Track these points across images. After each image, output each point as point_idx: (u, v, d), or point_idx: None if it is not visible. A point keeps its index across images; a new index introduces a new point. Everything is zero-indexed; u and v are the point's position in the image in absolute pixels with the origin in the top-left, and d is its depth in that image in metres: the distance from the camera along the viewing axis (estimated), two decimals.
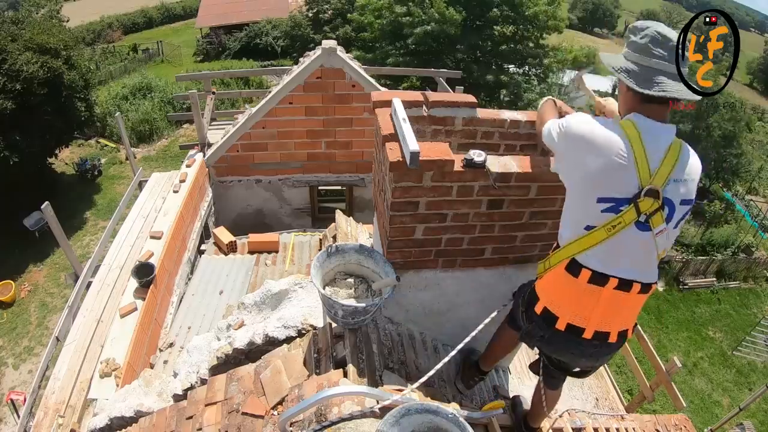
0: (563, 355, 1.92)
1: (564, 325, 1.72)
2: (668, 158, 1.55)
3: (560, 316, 1.73)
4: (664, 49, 1.52)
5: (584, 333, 1.71)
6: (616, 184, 1.55)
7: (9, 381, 8.87)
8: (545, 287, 1.79)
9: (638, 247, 1.60)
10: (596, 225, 1.59)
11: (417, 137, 2.39)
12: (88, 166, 14.42)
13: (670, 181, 1.55)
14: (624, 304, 1.68)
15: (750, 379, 11.53)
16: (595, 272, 1.62)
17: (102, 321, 4.10)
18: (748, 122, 18.87)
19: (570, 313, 1.71)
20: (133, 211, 5.53)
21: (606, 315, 1.69)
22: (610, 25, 50.48)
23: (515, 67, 18.29)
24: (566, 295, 1.71)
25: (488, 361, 2.57)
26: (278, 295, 3.15)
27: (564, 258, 1.68)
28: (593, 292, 1.64)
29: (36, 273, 11.24)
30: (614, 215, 1.56)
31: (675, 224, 1.63)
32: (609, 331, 1.72)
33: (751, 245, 15.43)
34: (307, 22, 24.27)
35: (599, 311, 1.67)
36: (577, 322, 1.71)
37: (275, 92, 5.87)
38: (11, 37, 10.79)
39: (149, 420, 2.72)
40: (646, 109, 1.57)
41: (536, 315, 1.80)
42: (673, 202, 1.58)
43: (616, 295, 1.64)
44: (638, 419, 3.15)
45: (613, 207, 1.56)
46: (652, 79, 1.53)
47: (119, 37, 27.45)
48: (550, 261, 1.76)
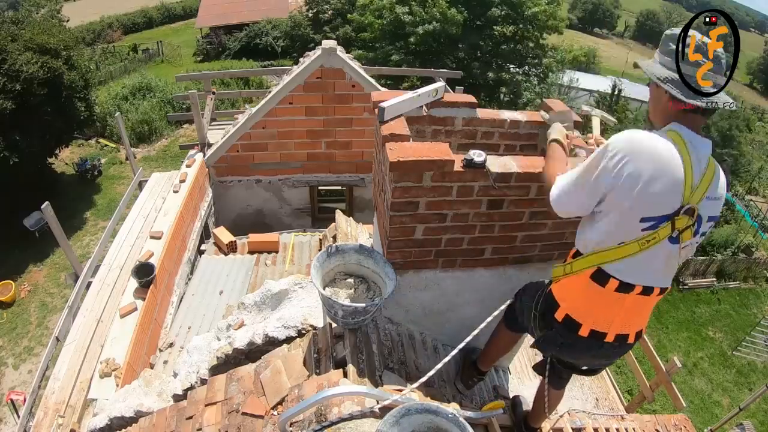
0: (581, 359, 1.92)
1: (587, 331, 1.70)
2: (707, 175, 1.51)
3: (583, 322, 1.70)
4: (707, 57, 1.47)
5: (606, 337, 1.71)
6: (666, 204, 1.50)
7: (9, 381, 8.87)
8: (567, 295, 1.75)
9: (664, 258, 1.59)
10: (630, 239, 1.56)
11: (417, 137, 2.39)
12: (88, 166, 14.42)
13: (705, 198, 1.52)
14: (643, 307, 1.71)
15: (750, 379, 11.52)
16: (622, 282, 1.60)
17: (102, 321, 4.10)
18: (748, 122, 18.88)
19: (593, 320, 1.70)
20: (133, 211, 5.53)
21: (627, 318, 1.70)
22: (609, 25, 50.48)
23: (515, 66, 18.31)
24: (591, 303, 1.69)
25: (486, 362, 2.57)
26: (278, 295, 3.15)
27: (590, 266, 1.64)
28: (618, 299, 1.64)
29: (36, 273, 11.24)
30: (651, 232, 1.53)
31: (699, 236, 1.61)
32: (628, 333, 1.73)
33: (751, 245, 15.42)
34: (307, 22, 24.27)
35: (621, 316, 1.68)
36: (600, 327, 1.70)
37: (275, 92, 5.88)
38: (11, 37, 10.78)
39: (149, 420, 2.72)
40: (688, 119, 1.52)
41: (557, 322, 1.76)
42: (702, 218, 1.56)
43: (638, 299, 1.65)
44: (638, 419, 3.15)
45: (654, 225, 1.53)
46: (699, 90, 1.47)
47: (119, 37, 27.45)
48: (572, 267, 1.70)
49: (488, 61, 17.49)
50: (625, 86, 20.61)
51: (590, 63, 28.32)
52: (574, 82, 21.72)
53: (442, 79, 7.85)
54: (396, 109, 2.27)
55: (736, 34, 1.54)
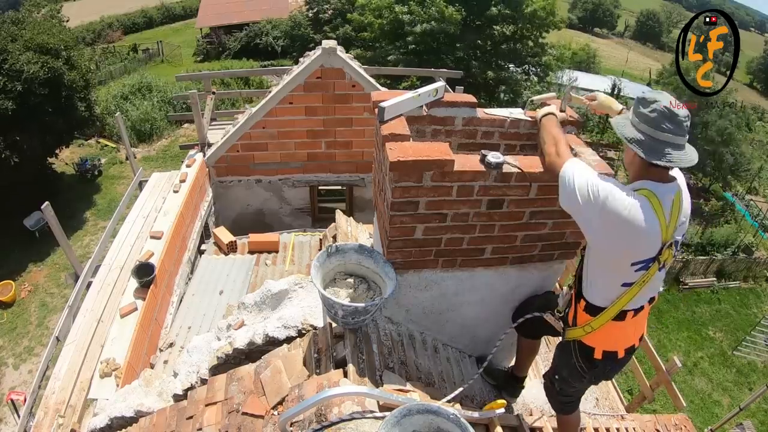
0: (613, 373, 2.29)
1: (623, 352, 2.05)
2: (674, 209, 1.76)
3: (617, 349, 2.04)
4: (671, 123, 1.66)
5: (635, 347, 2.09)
6: (648, 251, 1.77)
7: (9, 381, 8.87)
8: (598, 340, 2.03)
9: (657, 281, 1.91)
10: (631, 282, 1.83)
11: (417, 137, 2.39)
12: (88, 166, 14.43)
13: (677, 227, 1.79)
14: (644, 317, 2.05)
15: (750, 378, 11.52)
16: (634, 310, 1.93)
17: (102, 321, 4.10)
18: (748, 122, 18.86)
19: (623, 344, 2.04)
20: (133, 211, 5.53)
21: (638, 329, 2.06)
22: (609, 24, 50.40)
23: (515, 66, 18.30)
24: (619, 335, 2.02)
25: (522, 368, 2.82)
26: (278, 295, 3.15)
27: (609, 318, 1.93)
28: (634, 321, 1.98)
29: (36, 273, 11.24)
30: (644, 272, 1.81)
31: (676, 251, 1.88)
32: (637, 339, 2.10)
33: (751, 245, 15.43)
34: (307, 22, 24.27)
35: (636, 330, 2.05)
36: (629, 344, 2.06)
37: (275, 92, 5.87)
38: (11, 37, 10.78)
39: (149, 420, 2.72)
40: (654, 172, 1.74)
41: (599, 360, 2.06)
42: (677, 240, 1.83)
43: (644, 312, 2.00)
44: (638, 419, 3.15)
45: (644, 266, 1.80)
46: (661, 150, 1.67)
47: (119, 37, 27.46)
48: (591, 326, 1.97)
49: (488, 61, 17.50)
50: (625, 86, 20.61)
51: (590, 63, 28.30)
52: (574, 81, 21.73)
53: (442, 78, 7.85)
54: (396, 109, 2.27)
55: (736, 34, 1.55)
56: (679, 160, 1.67)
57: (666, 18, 51.07)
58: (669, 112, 1.65)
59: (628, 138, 1.73)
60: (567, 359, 2.16)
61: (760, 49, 43.52)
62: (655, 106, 1.67)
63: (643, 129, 1.70)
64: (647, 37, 49.48)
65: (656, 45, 48.41)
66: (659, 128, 1.66)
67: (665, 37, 48.47)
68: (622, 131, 1.76)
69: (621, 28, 51.92)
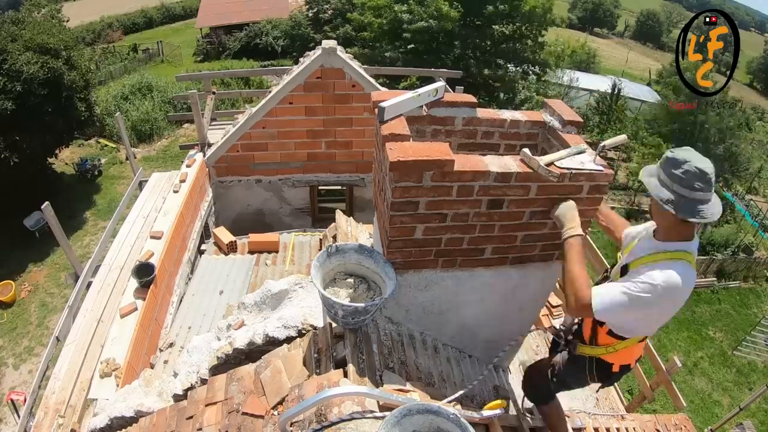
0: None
1: (634, 363, 2.25)
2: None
3: (632, 362, 2.23)
4: (702, 182, 1.76)
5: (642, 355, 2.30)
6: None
7: (9, 381, 8.87)
8: (618, 358, 2.18)
9: None
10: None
11: (417, 137, 2.39)
12: (88, 166, 14.42)
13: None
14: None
15: (750, 378, 11.51)
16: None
17: (102, 321, 4.10)
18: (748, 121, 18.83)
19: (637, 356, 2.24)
20: (133, 211, 5.53)
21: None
22: (609, 24, 50.36)
23: (513, 65, 18.29)
24: (637, 351, 2.23)
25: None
26: (278, 295, 3.15)
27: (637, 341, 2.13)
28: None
29: (36, 273, 11.24)
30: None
31: None
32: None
33: (751, 245, 15.41)
34: (307, 21, 24.27)
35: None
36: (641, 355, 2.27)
37: (275, 92, 5.87)
38: (11, 37, 10.77)
39: (149, 420, 2.72)
40: (686, 228, 1.87)
41: (616, 373, 2.24)
42: None
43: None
44: (638, 419, 3.16)
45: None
46: (694, 208, 1.78)
47: (119, 37, 27.43)
48: (615, 348, 2.13)
49: (487, 60, 17.48)
50: (625, 86, 20.59)
51: (590, 63, 28.28)
52: (574, 81, 21.73)
53: (442, 78, 7.86)
54: (396, 109, 2.27)
55: (736, 34, 1.55)
56: (711, 215, 1.77)
57: (666, 18, 51.04)
58: (700, 172, 1.74)
59: (664, 200, 1.80)
60: (578, 371, 2.28)
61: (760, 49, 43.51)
62: (687, 167, 1.75)
63: (676, 189, 1.78)
64: (647, 37, 49.45)
65: (656, 45, 48.38)
66: (692, 188, 1.75)
67: (665, 37, 48.44)
68: (658, 193, 1.83)
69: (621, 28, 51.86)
